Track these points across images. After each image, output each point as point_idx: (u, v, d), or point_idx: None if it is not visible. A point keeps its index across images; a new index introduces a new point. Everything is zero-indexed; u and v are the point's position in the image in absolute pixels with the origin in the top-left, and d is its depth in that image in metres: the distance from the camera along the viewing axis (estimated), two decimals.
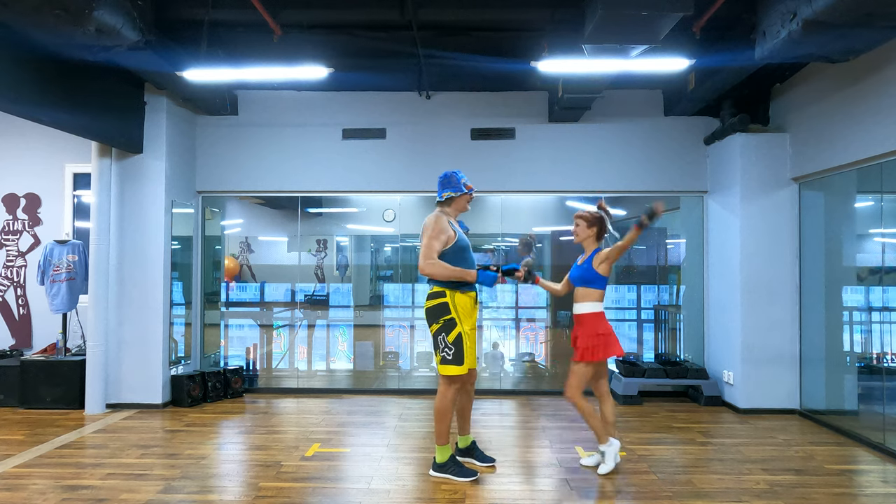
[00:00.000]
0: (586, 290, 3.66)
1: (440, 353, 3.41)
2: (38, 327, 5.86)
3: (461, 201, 3.57)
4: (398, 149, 5.85)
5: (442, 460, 3.52)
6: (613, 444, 3.67)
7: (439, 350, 3.41)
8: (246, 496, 3.26)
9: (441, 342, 3.39)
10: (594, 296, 3.66)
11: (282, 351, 6.43)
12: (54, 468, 3.70)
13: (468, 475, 3.48)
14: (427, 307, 3.46)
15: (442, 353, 3.40)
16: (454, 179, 3.54)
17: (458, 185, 3.53)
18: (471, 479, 3.47)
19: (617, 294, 6.50)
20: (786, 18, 3.49)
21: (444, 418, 3.46)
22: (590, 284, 3.66)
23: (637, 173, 5.78)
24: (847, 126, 4.37)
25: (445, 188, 3.54)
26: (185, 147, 5.65)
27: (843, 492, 3.37)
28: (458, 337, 3.38)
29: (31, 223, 5.90)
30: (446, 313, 3.40)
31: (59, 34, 3.55)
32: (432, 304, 3.44)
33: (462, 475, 3.49)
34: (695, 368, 5.55)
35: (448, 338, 3.38)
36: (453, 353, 3.37)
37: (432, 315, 3.43)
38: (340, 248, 6.90)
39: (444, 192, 3.54)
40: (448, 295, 3.42)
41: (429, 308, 3.45)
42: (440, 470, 3.53)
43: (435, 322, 3.42)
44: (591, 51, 3.90)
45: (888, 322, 4.57)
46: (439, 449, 3.53)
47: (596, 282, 3.65)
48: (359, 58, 5.28)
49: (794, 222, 5.15)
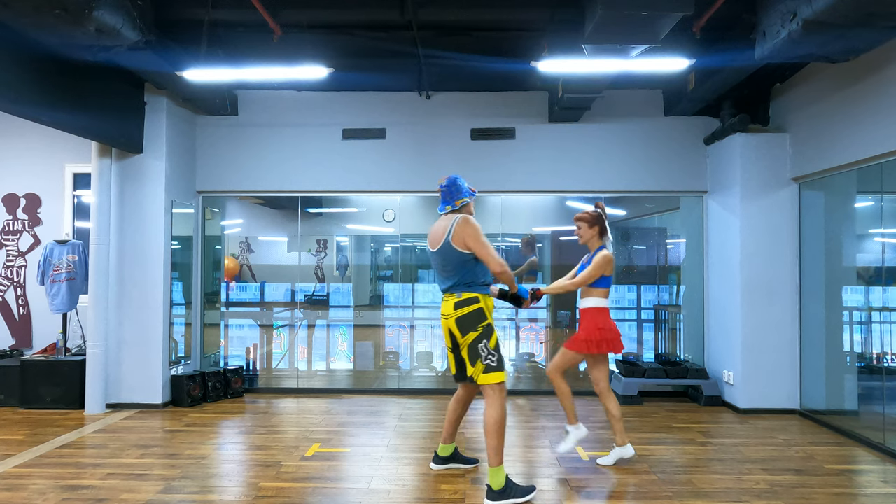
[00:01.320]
0: (590, 288, 3.78)
1: (483, 362, 3.21)
2: (38, 327, 5.86)
3: (470, 206, 3.51)
4: (398, 149, 5.85)
5: (500, 485, 3.14)
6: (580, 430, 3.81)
7: (481, 358, 3.21)
8: (246, 496, 3.26)
9: (483, 350, 3.22)
10: (598, 293, 3.78)
11: (282, 351, 6.43)
12: (54, 468, 3.70)
13: (529, 491, 3.22)
14: (460, 316, 3.25)
15: (486, 361, 3.21)
16: (460, 185, 3.46)
17: (465, 189, 3.47)
18: (533, 493, 3.24)
19: (617, 294, 6.49)
20: (786, 18, 3.49)
21: (501, 432, 3.19)
22: (594, 284, 3.77)
23: (637, 173, 5.78)
24: (847, 126, 4.37)
25: (457, 195, 3.44)
26: (185, 147, 5.65)
27: (843, 492, 3.37)
28: (497, 342, 3.26)
29: (31, 223, 5.90)
30: (483, 319, 3.25)
31: (59, 34, 3.55)
32: (467, 312, 3.24)
33: (526, 493, 3.19)
34: (695, 368, 5.55)
35: (490, 344, 3.23)
36: (496, 359, 3.23)
37: (469, 323, 3.23)
38: (340, 248, 6.91)
39: (458, 199, 3.43)
40: (482, 300, 3.28)
41: (463, 317, 3.24)
42: (500, 497, 3.12)
43: (472, 330, 3.23)
44: (591, 51, 3.90)
45: (888, 322, 4.57)
46: (493, 472, 3.16)
47: (599, 281, 3.75)
48: (359, 58, 5.28)
49: (794, 222, 5.15)
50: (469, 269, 3.29)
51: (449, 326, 3.34)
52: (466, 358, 3.29)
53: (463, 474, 3.59)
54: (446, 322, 3.35)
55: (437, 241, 3.35)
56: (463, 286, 3.29)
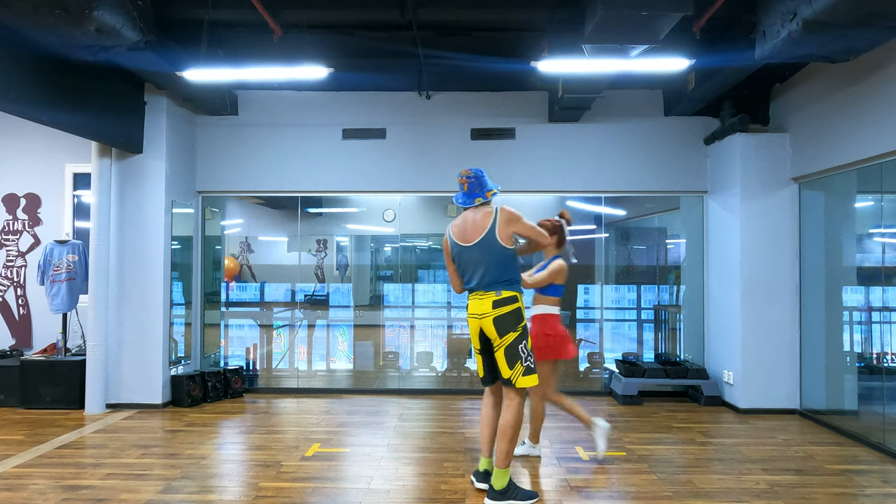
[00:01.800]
0: (540, 294, 3.77)
1: (523, 364, 3.09)
2: (38, 327, 5.86)
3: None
4: (398, 149, 5.85)
5: (503, 486, 3.11)
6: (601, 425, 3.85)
7: (521, 360, 3.09)
8: (246, 496, 3.26)
9: (523, 351, 3.09)
10: (547, 300, 3.76)
11: (282, 351, 6.43)
12: (54, 468, 3.70)
13: (531, 497, 3.15)
14: (500, 315, 3.09)
15: (525, 363, 3.10)
16: (487, 177, 3.31)
17: (490, 182, 3.31)
18: (535, 500, 3.16)
19: (617, 294, 6.50)
20: (786, 18, 3.49)
21: (517, 436, 3.15)
22: (544, 291, 3.75)
23: (637, 173, 5.78)
24: (847, 126, 4.37)
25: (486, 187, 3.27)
26: (185, 147, 5.65)
27: (843, 492, 3.37)
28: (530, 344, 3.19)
29: (31, 223, 5.90)
30: (522, 319, 3.12)
31: (59, 34, 3.56)
32: (507, 311, 3.09)
33: (528, 497, 3.13)
34: (695, 368, 5.55)
35: (528, 345, 3.13)
36: (533, 360, 3.17)
37: (509, 323, 3.09)
38: (340, 248, 6.91)
39: (489, 190, 3.26)
40: (519, 299, 3.15)
41: (502, 316, 3.08)
42: (502, 498, 3.09)
43: (512, 330, 3.09)
44: (591, 51, 3.90)
45: (888, 322, 4.58)
46: (500, 473, 3.11)
47: (548, 289, 3.73)
48: (359, 58, 5.28)
49: (794, 222, 5.15)
50: (509, 265, 3.16)
51: (482, 326, 3.16)
52: (503, 359, 3.11)
53: (463, 474, 3.59)
54: (479, 322, 3.17)
55: (474, 235, 3.17)
56: (503, 284, 3.13)
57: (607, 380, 5.93)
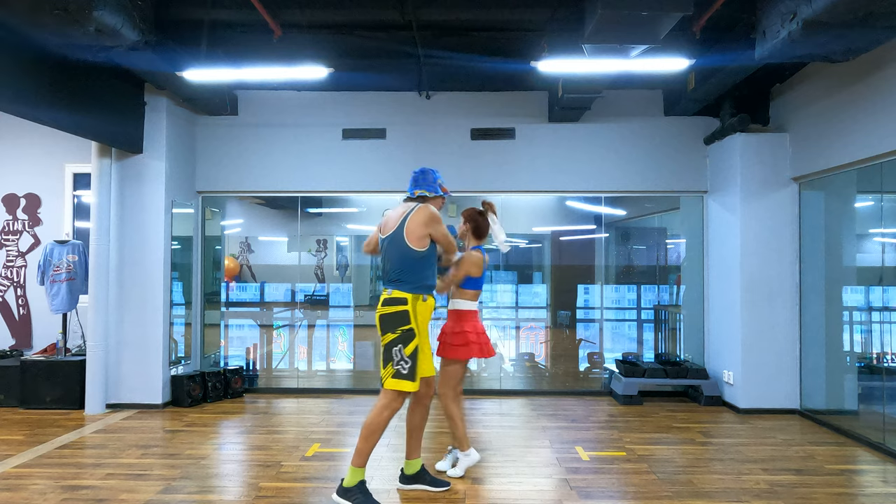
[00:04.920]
0: (456, 289, 3.57)
1: (394, 367, 3.06)
2: (38, 327, 5.86)
3: (437, 202, 3.31)
4: (398, 149, 5.85)
5: (351, 484, 3.04)
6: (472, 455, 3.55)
7: (393, 363, 3.07)
8: (246, 496, 3.26)
9: (396, 354, 3.07)
10: (464, 294, 3.55)
11: (282, 351, 6.43)
12: (54, 468, 3.70)
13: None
14: (383, 314, 3.12)
15: (396, 366, 3.06)
16: (430, 178, 3.29)
17: (433, 185, 3.30)
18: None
19: (617, 294, 6.50)
20: (786, 18, 3.49)
21: (372, 437, 3.07)
22: (461, 285, 3.53)
23: (637, 173, 5.78)
24: (847, 126, 4.37)
25: (419, 185, 3.29)
26: (185, 147, 5.65)
27: (843, 492, 3.37)
28: (415, 350, 3.08)
29: (31, 223, 5.90)
30: (405, 323, 3.09)
31: (59, 34, 3.55)
32: (390, 312, 3.10)
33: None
34: (695, 368, 5.55)
35: (405, 350, 3.07)
36: (409, 367, 3.07)
37: (389, 323, 3.10)
38: (340, 248, 6.91)
39: (417, 189, 3.28)
40: (410, 303, 3.10)
41: (386, 315, 3.11)
42: (344, 496, 3.03)
43: (391, 332, 3.09)
44: (590, 51, 3.90)
45: (888, 322, 4.58)
46: (352, 471, 3.06)
47: (465, 283, 3.53)
48: (359, 58, 5.28)
49: (794, 222, 5.15)
50: (411, 266, 3.13)
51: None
52: (381, 357, 3.14)
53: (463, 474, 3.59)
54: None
55: (389, 227, 3.19)
56: (396, 283, 3.13)
57: (607, 380, 5.93)
